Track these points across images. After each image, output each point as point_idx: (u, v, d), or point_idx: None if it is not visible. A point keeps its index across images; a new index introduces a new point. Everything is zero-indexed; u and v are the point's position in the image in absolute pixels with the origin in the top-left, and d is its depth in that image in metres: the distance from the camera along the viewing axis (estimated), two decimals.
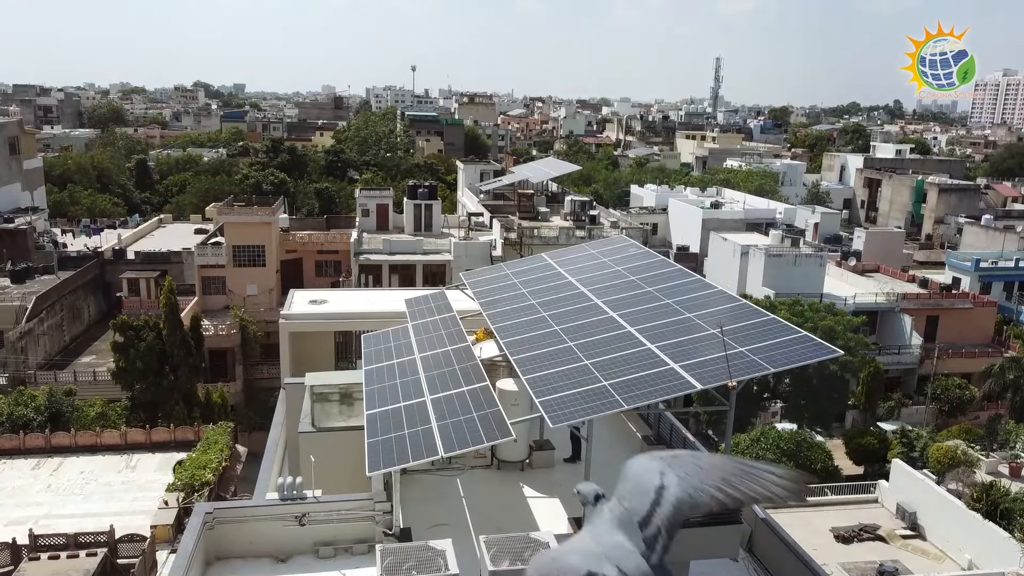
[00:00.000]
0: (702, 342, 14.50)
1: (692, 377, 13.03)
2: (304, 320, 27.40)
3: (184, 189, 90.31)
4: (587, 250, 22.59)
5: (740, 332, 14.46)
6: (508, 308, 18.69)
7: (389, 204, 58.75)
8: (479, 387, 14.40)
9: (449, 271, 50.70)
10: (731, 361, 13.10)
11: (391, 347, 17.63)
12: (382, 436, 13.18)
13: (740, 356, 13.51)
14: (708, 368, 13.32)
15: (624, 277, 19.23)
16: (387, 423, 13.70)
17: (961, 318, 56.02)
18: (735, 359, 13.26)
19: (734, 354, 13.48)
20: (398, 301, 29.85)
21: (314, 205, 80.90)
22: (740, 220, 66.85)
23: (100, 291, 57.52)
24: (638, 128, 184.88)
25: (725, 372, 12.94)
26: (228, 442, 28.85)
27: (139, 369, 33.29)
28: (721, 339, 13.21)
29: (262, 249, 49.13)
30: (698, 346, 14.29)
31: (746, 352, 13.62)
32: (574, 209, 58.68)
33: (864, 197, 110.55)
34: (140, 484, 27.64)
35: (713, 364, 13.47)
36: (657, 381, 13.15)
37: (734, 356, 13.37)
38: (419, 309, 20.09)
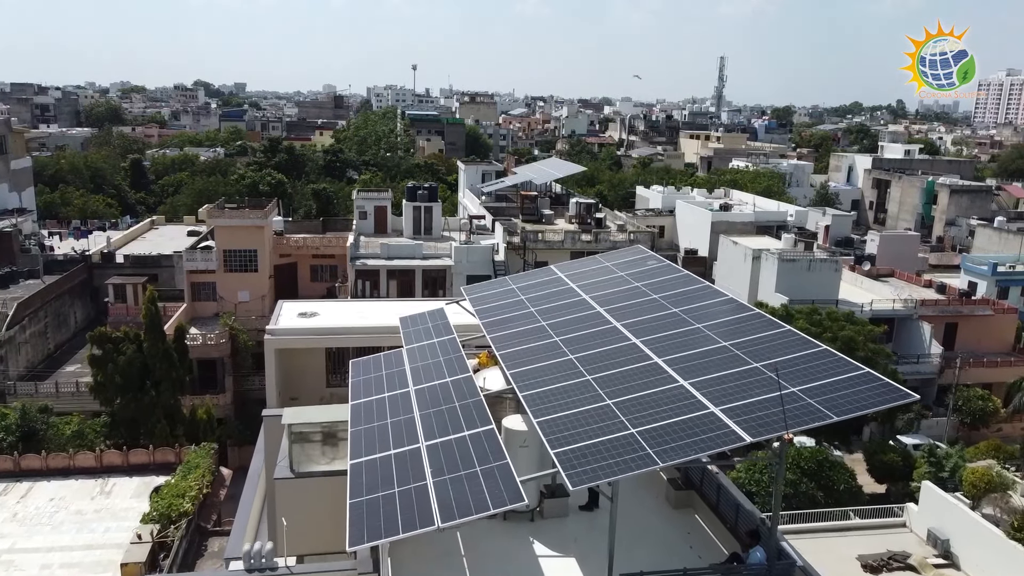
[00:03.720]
0: (745, 378, 12.37)
1: (739, 426, 10.91)
2: (292, 336, 25.32)
3: (179, 190, 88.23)
4: (601, 262, 20.46)
5: (790, 367, 12.34)
6: (514, 331, 16.58)
7: (387, 206, 56.59)
8: (483, 432, 12.28)
9: (449, 276, 48.60)
10: (785, 405, 10.99)
11: (382, 377, 15.51)
12: (367, 495, 11.06)
13: (793, 398, 11.39)
14: (757, 414, 11.19)
15: (645, 295, 17.11)
16: (374, 477, 11.58)
17: (980, 326, 53.92)
18: (788, 402, 11.14)
19: (786, 395, 11.37)
20: (395, 314, 27.84)
21: (311, 206, 78.72)
22: (750, 223, 64.71)
23: (88, 296, 55.41)
24: (641, 128, 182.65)
25: (778, 419, 10.83)
26: (210, 465, 26.74)
27: (118, 384, 31.17)
28: (777, 382, 11.10)
29: (254, 254, 47.02)
30: (741, 384, 12.16)
31: (800, 394, 11.50)
32: (579, 211, 56.55)
33: (872, 198, 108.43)
34: (114, 512, 25.51)
35: (762, 408, 11.34)
36: (696, 429, 11.03)
37: (787, 399, 11.26)
38: (415, 331, 17.96)
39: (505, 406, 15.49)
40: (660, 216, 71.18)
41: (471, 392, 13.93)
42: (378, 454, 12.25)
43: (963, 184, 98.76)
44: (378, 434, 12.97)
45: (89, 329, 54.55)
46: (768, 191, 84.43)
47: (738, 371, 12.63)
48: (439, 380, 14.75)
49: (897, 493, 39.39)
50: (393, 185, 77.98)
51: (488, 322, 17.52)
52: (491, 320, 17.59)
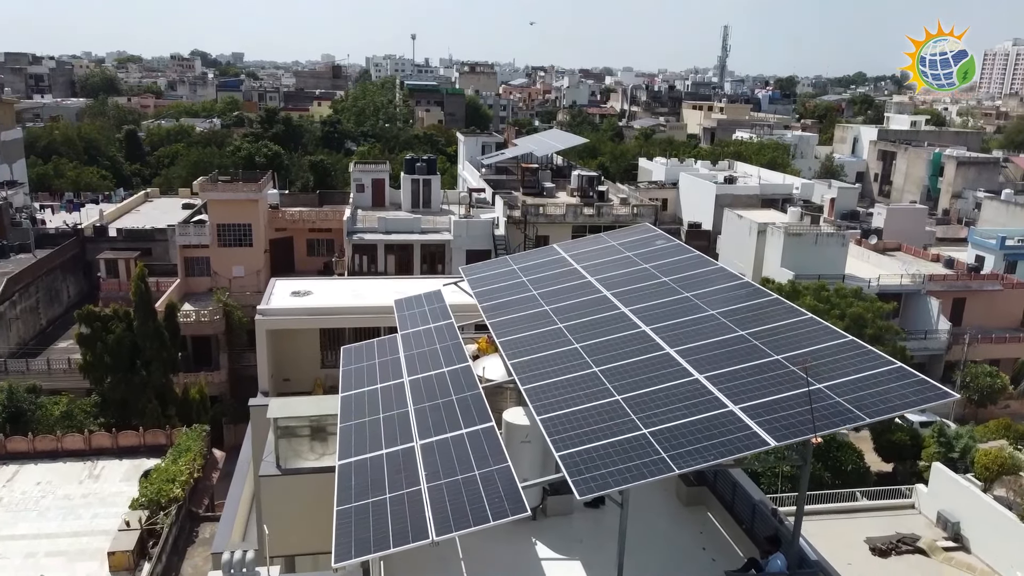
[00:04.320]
0: (765, 371, 11.43)
1: (761, 427, 9.98)
2: (285, 316, 24.34)
3: (175, 161, 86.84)
4: (607, 241, 19.46)
5: (814, 360, 11.40)
6: (516, 315, 15.62)
7: (385, 179, 55.38)
8: (482, 430, 11.38)
9: (449, 251, 47.59)
10: (812, 404, 10.06)
11: (375, 365, 14.58)
12: (356, 502, 10.17)
13: (819, 396, 10.46)
14: (780, 413, 10.26)
15: (654, 278, 16.12)
16: (364, 480, 10.69)
17: (989, 301, 53.05)
18: (814, 400, 10.21)
19: (813, 393, 10.44)
20: (393, 293, 26.86)
21: (309, 179, 77.52)
22: (755, 196, 63.54)
23: (81, 271, 54.45)
24: (643, 98, 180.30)
25: (805, 420, 9.91)
26: (202, 448, 25.97)
27: (107, 364, 30.29)
28: (802, 378, 10.16)
29: (248, 228, 45.96)
30: (762, 379, 11.22)
31: (827, 391, 10.56)
32: (581, 185, 55.33)
33: (878, 170, 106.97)
34: (103, 497, 24.78)
35: (785, 406, 10.42)
36: (714, 431, 10.11)
37: (813, 397, 10.34)
38: (410, 315, 17.01)
39: (506, 396, 14.61)
40: (663, 189, 69.99)
41: (469, 384, 13.01)
42: (368, 454, 11.35)
43: (970, 156, 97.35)
44: (369, 431, 12.06)
45: (82, 304, 53.62)
46: (773, 163, 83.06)
47: (758, 364, 11.69)
48: (435, 370, 13.82)
49: (904, 472, 38.74)
50: (391, 157, 76.63)
51: (488, 306, 16.55)
52: (491, 304, 16.62)
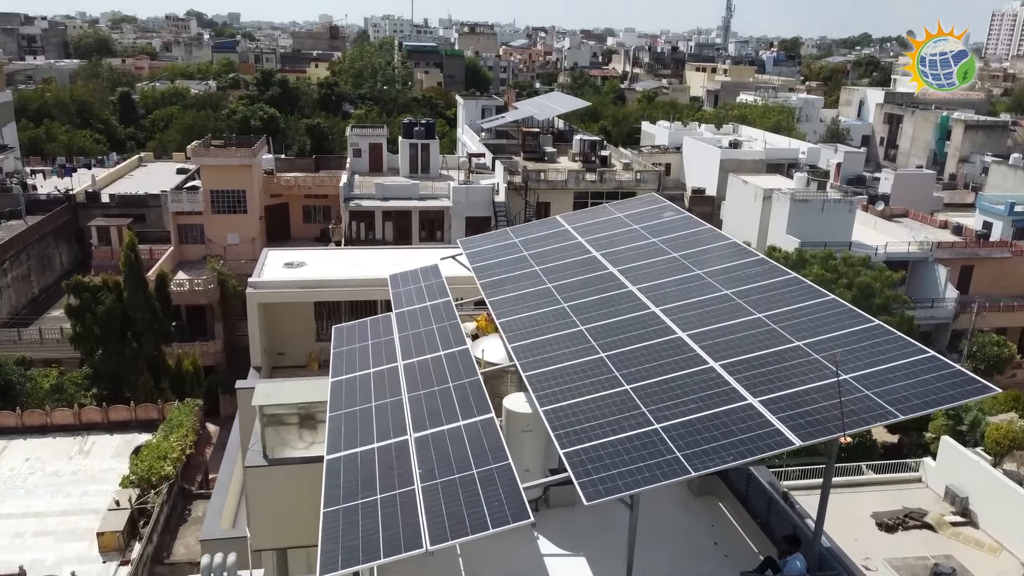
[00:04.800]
0: (786, 360, 10.60)
1: (783, 424, 9.18)
2: (277, 289, 23.51)
3: (169, 125, 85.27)
4: (612, 212, 18.52)
5: (839, 345, 10.58)
6: (517, 293, 14.76)
7: (383, 143, 54.10)
8: (481, 422, 10.58)
9: (448, 218, 46.57)
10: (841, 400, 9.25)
11: (368, 347, 13.75)
12: (344, 503, 9.41)
13: (846, 388, 9.64)
14: (804, 408, 9.44)
15: (663, 253, 15.23)
16: (353, 478, 9.91)
17: (996, 268, 52.19)
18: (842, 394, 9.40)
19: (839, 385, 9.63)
20: (389, 264, 25.96)
21: (305, 143, 76.10)
22: (760, 161, 62.25)
23: (73, 238, 53.46)
24: (645, 60, 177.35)
25: (832, 418, 9.10)
26: (194, 424, 25.30)
27: (97, 336, 29.52)
28: (832, 371, 9.33)
29: (242, 194, 44.88)
30: (782, 368, 10.40)
31: (854, 383, 9.74)
32: (583, 149, 54.11)
33: (884, 134, 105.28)
34: (93, 474, 24.16)
35: (808, 400, 9.60)
36: (732, 427, 9.30)
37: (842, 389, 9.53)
38: (406, 291, 16.14)
39: (506, 379, 13.83)
40: (666, 153, 68.65)
41: (467, 369, 12.19)
42: (359, 448, 10.57)
43: (978, 119, 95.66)
44: (360, 421, 11.27)
45: (75, 272, 52.81)
46: (777, 126, 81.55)
47: (777, 351, 10.85)
48: (432, 353, 12.99)
49: (911, 444, 38.22)
50: (390, 120, 75.13)
51: (487, 282, 15.68)
52: (490, 280, 15.76)
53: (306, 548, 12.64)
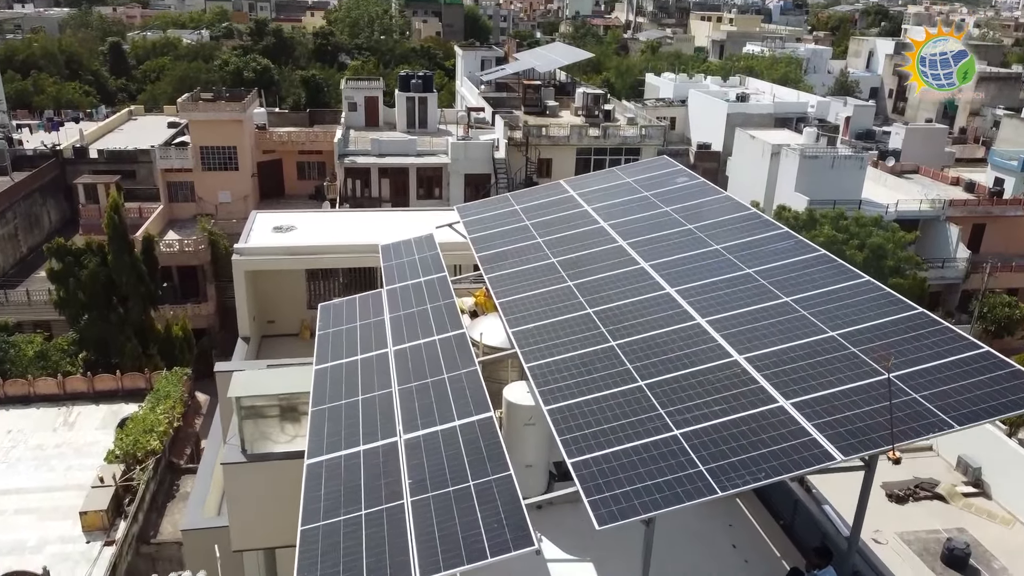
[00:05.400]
0: (820, 353, 9.47)
1: (821, 433, 8.09)
2: (265, 256, 22.31)
3: (161, 76, 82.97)
4: (620, 177, 17.24)
5: (878, 337, 9.46)
6: (518, 269, 13.59)
7: (379, 97, 52.36)
8: (479, 422, 9.51)
9: (446, 175, 45.16)
10: (883, 405, 8.16)
11: (356, 330, 12.63)
12: (325, 519, 8.37)
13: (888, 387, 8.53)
14: (844, 413, 8.35)
15: (678, 225, 14.02)
16: (335, 488, 8.87)
17: (1010, 227, 50.89)
18: (887, 398, 8.31)
19: (880, 384, 8.54)
20: (384, 227, 24.73)
21: (300, 95, 74.03)
22: (768, 115, 60.50)
23: (62, 194, 52.04)
24: (649, 8, 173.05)
25: (878, 427, 8.02)
26: (182, 394, 24.34)
27: (81, 301, 28.42)
28: (877, 371, 8.22)
29: (233, 151, 43.38)
30: (816, 364, 9.28)
31: (899, 383, 8.63)
32: (586, 103, 52.34)
33: (893, 86, 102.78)
34: (78, 447, 23.27)
35: (848, 403, 8.50)
36: (763, 436, 8.22)
37: (882, 389, 8.44)
38: (398, 265, 14.96)
39: (507, 364, 12.73)
40: (671, 107, 66.81)
41: (464, 358, 11.08)
42: (343, 451, 9.51)
43: (990, 71, 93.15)
44: (345, 418, 10.20)
45: (65, 230, 51.58)
46: (785, 79, 79.35)
47: (809, 343, 9.73)
48: (426, 338, 11.87)
49: None
50: (386, 72, 73.05)
51: (486, 255, 14.50)
52: (489, 253, 14.57)
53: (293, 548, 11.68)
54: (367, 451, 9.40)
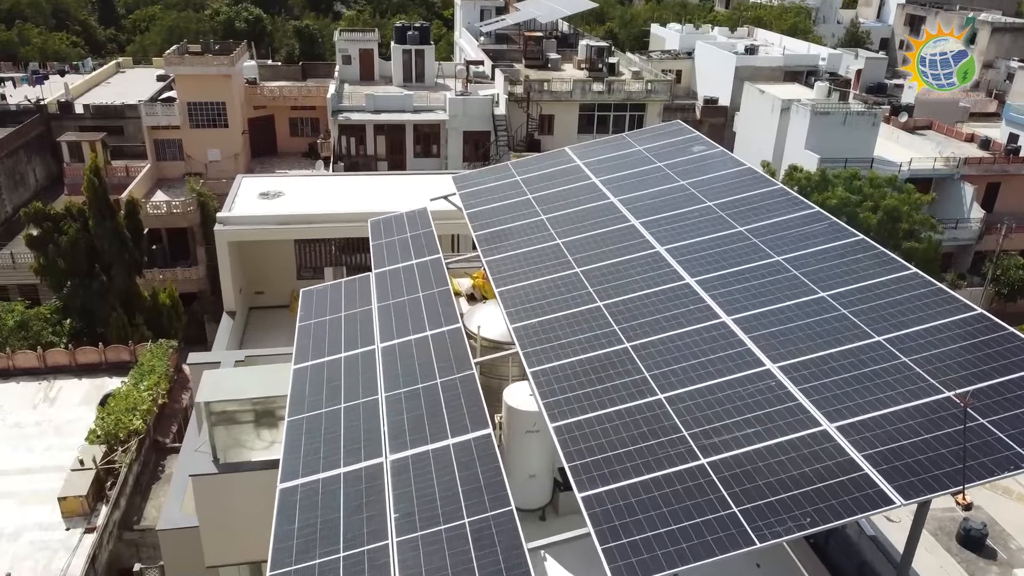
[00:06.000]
0: (867, 363, 8.27)
1: (874, 467, 6.92)
2: (250, 226, 21.02)
3: (151, 27, 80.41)
4: (631, 144, 15.85)
5: (930, 338, 8.25)
6: (520, 251, 12.33)
7: (374, 49, 50.30)
8: (476, 441, 8.36)
9: (444, 132, 43.50)
10: (946, 433, 6.98)
11: (340, 322, 11.41)
12: (298, 563, 7.25)
13: (952, 406, 7.35)
14: (900, 442, 7.16)
15: (695, 202, 12.71)
16: (311, 522, 7.74)
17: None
18: (951, 421, 7.13)
19: (938, 404, 7.36)
20: (378, 193, 23.40)
21: (294, 47, 71.72)
22: (778, 68, 58.39)
23: (48, 151, 50.29)
24: None
25: (938, 460, 6.85)
26: (168, 369, 23.22)
27: (62, 269, 27.17)
28: (962, 407, 7.03)
29: (222, 107, 41.61)
30: (862, 376, 8.08)
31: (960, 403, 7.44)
32: (589, 56, 50.32)
33: (904, 37, 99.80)
34: (58, 425, 22.24)
35: (903, 428, 7.32)
36: (807, 469, 7.06)
37: (941, 411, 7.27)
38: (388, 244, 13.68)
39: (507, 359, 11.55)
40: (677, 59, 64.56)
41: (460, 359, 9.89)
42: (321, 473, 8.37)
43: (1006, 21, 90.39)
44: (325, 431, 9.04)
45: (51, 189, 50.06)
46: (794, 29, 76.82)
47: (852, 348, 8.52)
48: (417, 333, 10.66)
49: None
50: (383, 22, 70.61)
51: (485, 234, 13.22)
52: (489, 232, 13.28)
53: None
54: (348, 474, 8.25)
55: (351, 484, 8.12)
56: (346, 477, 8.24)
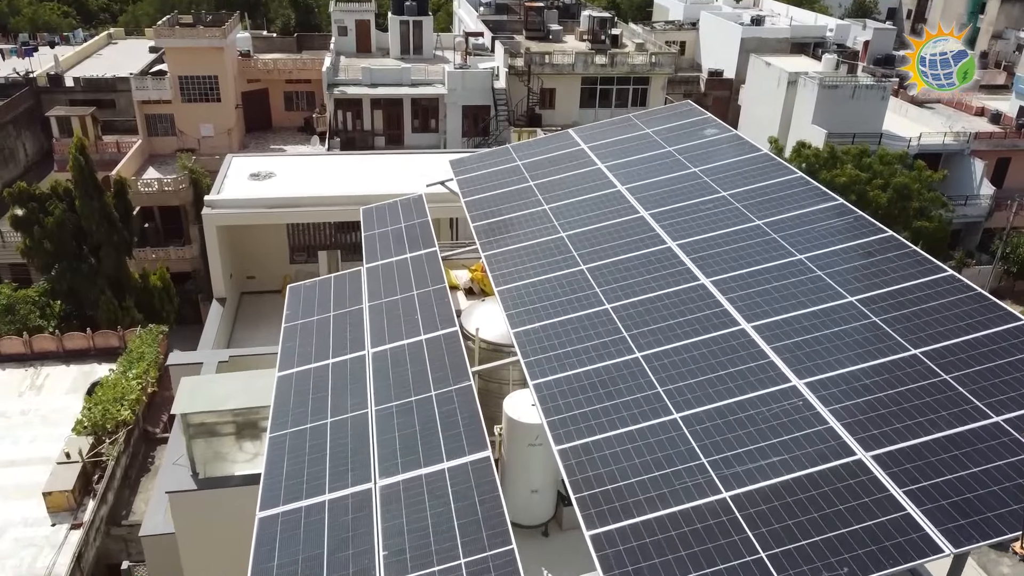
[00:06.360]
0: (903, 380, 7.52)
1: (914, 505, 6.21)
2: (240, 209, 20.19)
3: None
4: (640, 127, 14.97)
5: (982, 357, 7.50)
6: (521, 245, 11.55)
7: (371, 20, 49.00)
8: (473, 465, 7.63)
9: (442, 107, 42.42)
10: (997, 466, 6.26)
11: (328, 324, 10.65)
12: None
13: (996, 432, 6.62)
14: (944, 477, 6.44)
15: (709, 191, 11.89)
16: (291, 559, 7.03)
17: None
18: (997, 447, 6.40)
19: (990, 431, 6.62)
20: (374, 173, 22.54)
21: (289, 17, 70.10)
22: (785, 39, 57.04)
23: (38, 126, 49.16)
24: None
25: (988, 498, 6.14)
26: (158, 356, 22.52)
27: (49, 251, 26.37)
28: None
29: (214, 80, 40.48)
30: (899, 396, 7.34)
31: (1011, 429, 6.70)
32: (592, 27, 49.05)
33: (912, 6, 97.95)
34: (44, 415, 21.57)
35: (948, 460, 6.59)
36: (841, 506, 6.34)
37: (993, 440, 6.54)
38: (381, 235, 12.87)
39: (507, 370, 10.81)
40: (681, 30, 63.12)
41: (456, 368, 9.15)
42: (304, 501, 7.65)
43: None
44: (310, 451, 8.31)
45: (41, 164, 49.07)
46: None
47: (887, 363, 7.77)
48: (410, 337, 9.91)
49: None
50: None
51: (483, 225, 12.41)
52: (488, 222, 12.48)
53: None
54: (334, 503, 7.53)
55: (337, 514, 7.41)
56: (331, 506, 7.52)
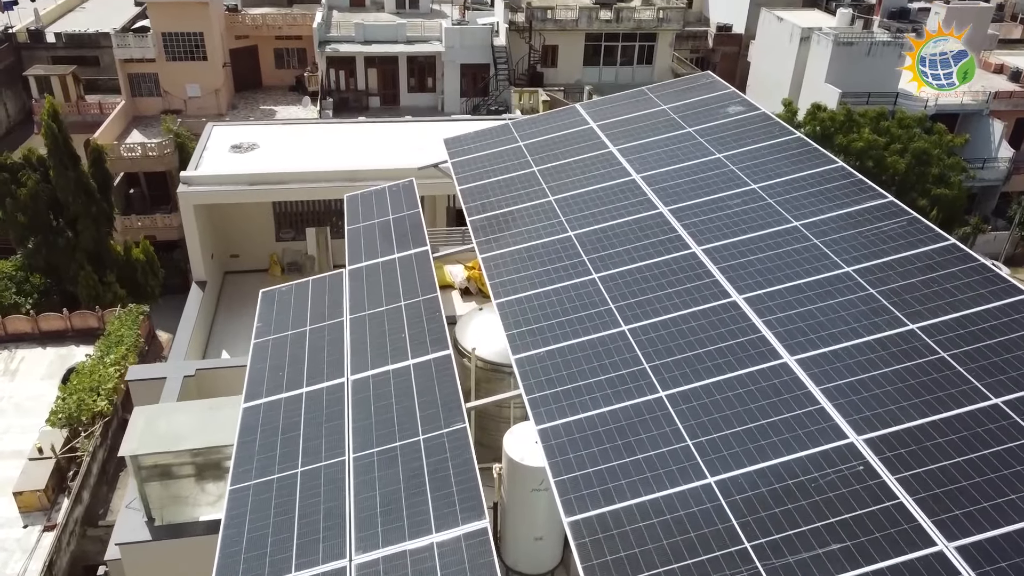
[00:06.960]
0: (978, 440, 6.25)
1: (964, 561, 4.99)
2: (220, 187, 18.70)
3: None
4: (655, 102, 13.46)
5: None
6: (525, 247, 10.18)
7: None
8: (467, 538, 6.39)
9: (440, 65, 40.56)
10: None
11: (304, 340, 9.33)
12: None
13: None
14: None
15: (737, 183, 10.49)
16: None
17: None
18: None
19: None
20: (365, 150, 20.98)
21: None
22: None
23: (19, 84, 47.21)
24: None
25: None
26: (138, 339, 21.27)
27: (22, 224, 24.94)
28: None
29: (200, 37, 38.50)
30: (966, 443, 6.07)
31: None
32: None
33: None
34: (18, 403, 20.40)
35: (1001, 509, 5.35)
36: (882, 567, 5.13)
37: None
38: (366, 229, 11.48)
39: (508, 383, 9.57)
40: None
41: (449, 405, 7.86)
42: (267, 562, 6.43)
43: None
44: (275, 512, 7.05)
45: (23, 124, 47.26)
46: None
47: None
48: (397, 363, 8.60)
49: None
50: None
51: (481, 220, 11.03)
52: (486, 215, 11.10)
53: None
54: None
55: None
56: None
